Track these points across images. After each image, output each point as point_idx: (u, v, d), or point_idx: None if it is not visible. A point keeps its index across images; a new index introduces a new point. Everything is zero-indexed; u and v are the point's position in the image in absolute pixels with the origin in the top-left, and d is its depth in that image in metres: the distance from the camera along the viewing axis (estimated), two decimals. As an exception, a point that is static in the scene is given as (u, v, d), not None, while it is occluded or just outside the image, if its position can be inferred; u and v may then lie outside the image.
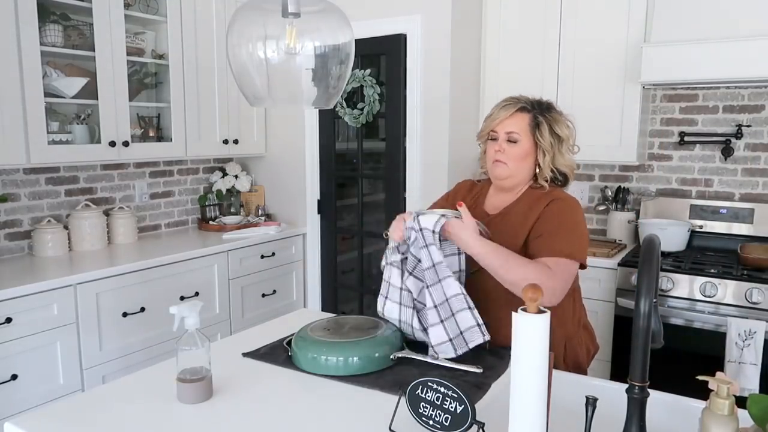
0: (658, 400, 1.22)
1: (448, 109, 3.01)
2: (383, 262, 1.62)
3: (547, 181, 1.63)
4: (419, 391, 1.11)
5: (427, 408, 1.10)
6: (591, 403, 0.99)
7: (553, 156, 1.61)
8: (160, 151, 3.11)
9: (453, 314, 1.46)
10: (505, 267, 1.46)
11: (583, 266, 1.57)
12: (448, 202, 1.81)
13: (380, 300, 1.60)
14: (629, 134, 2.87)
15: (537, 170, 1.63)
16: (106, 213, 3.04)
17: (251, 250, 3.25)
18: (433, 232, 1.46)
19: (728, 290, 2.44)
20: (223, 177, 3.65)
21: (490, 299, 1.55)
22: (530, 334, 0.93)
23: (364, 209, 3.44)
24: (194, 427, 1.19)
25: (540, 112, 1.61)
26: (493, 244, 1.49)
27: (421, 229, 1.48)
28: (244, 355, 1.54)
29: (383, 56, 3.21)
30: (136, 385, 1.39)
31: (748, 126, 2.88)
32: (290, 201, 3.65)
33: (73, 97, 2.71)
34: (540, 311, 0.93)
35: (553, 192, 1.62)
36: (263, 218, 3.63)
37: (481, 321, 1.45)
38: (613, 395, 1.24)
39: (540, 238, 1.54)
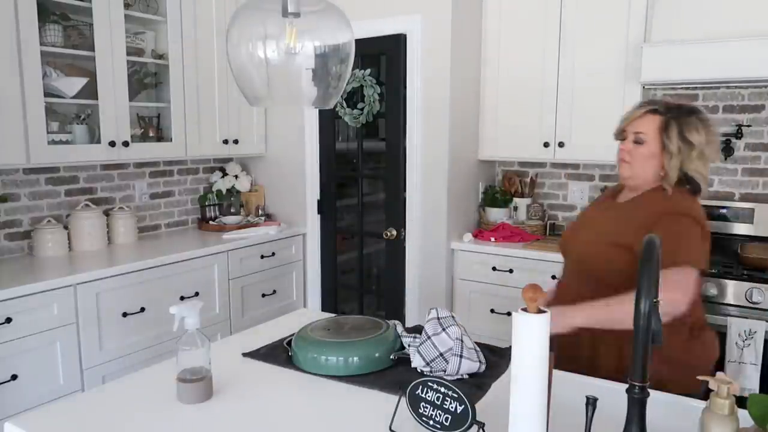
0: (658, 400, 1.22)
1: (448, 109, 3.01)
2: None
3: (671, 186, 1.58)
4: (419, 391, 1.11)
5: (427, 408, 1.10)
6: (591, 403, 0.99)
7: (681, 161, 1.56)
8: (160, 151, 3.11)
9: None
10: (612, 320, 1.43)
11: (703, 273, 1.53)
12: (600, 204, 1.84)
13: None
14: (629, 134, 2.86)
15: (662, 173, 1.59)
16: (106, 213, 3.03)
17: (251, 250, 3.25)
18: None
19: (728, 290, 2.44)
20: (223, 177, 3.65)
21: None
22: (530, 334, 0.93)
23: (364, 209, 3.44)
24: (194, 427, 1.19)
25: (675, 116, 1.58)
26: (587, 307, 1.46)
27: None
28: (245, 355, 1.54)
29: (383, 56, 3.21)
30: (136, 385, 1.39)
31: (748, 126, 2.88)
32: (290, 201, 3.65)
33: (73, 97, 2.71)
34: (540, 311, 0.93)
35: (673, 197, 1.58)
36: (263, 218, 3.63)
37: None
38: (613, 395, 1.23)
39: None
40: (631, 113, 1.64)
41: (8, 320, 2.21)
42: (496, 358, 1.50)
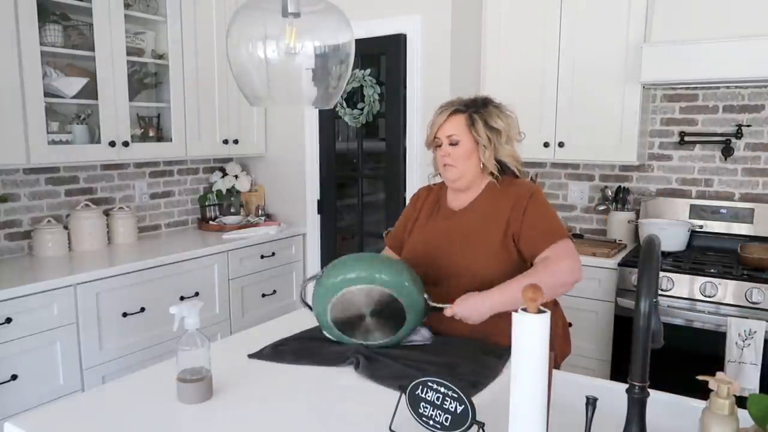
0: (658, 400, 1.22)
1: (448, 109, 3.01)
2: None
3: (494, 174, 1.68)
4: (419, 391, 1.11)
5: (427, 408, 1.10)
6: (591, 403, 0.99)
7: (493, 149, 1.66)
8: (160, 151, 3.11)
9: None
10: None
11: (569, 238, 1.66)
12: (413, 214, 1.85)
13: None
14: (629, 134, 2.87)
15: (482, 166, 1.68)
16: (106, 213, 3.04)
17: (251, 250, 3.25)
18: None
19: (728, 290, 2.44)
20: (223, 177, 3.65)
21: None
22: (530, 334, 0.93)
23: (364, 209, 3.44)
24: (194, 427, 1.19)
25: (475, 110, 1.66)
26: (499, 288, 1.53)
27: None
28: (250, 356, 1.54)
29: (383, 56, 3.21)
30: (136, 385, 1.39)
31: (748, 126, 2.88)
32: (290, 201, 3.65)
33: (73, 97, 2.71)
34: (540, 311, 0.93)
35: (514, 184, 1.69)
36: (263, 218, 3.63)
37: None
38: (613, 395, 1.23)
39: (531, 234, 1.60)
40: (436, 119, 1.70)
41: (8, 320, 2.21)
42: (495, 358, 1.50)
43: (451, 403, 1.07)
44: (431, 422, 1.09)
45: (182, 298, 2.86)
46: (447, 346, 1.58)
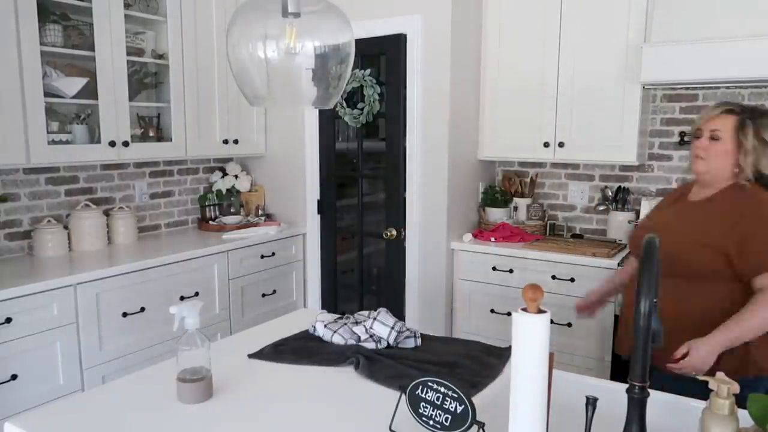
0: (658, 400, 1.22)
1: (448, 109, 3.01)
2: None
3: (748, 181, 1.67)
4: (419, 391, 1.11)
5: (427, 408, 1.10)
6: (591, 403, 0.99)
7: (756, 158, 1.65)
8: (160, 151, 3.11)
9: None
10: (754, 329, 1.53)
11: None
12: (662, 203, 1.97)
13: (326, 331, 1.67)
14: (629, 134, 2.87)
15: (737, 170, 1.67)
16: (106, 213, 3.03)
17: (251, 250, 3.25)
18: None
19: (728, 290, 2.44)
20: (223, 177, 3.65)
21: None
22: (530, 334, 0.93)
23: (364, 209, 3.44)
24: (194, 427, 1.19)
25: (750, 116, 1.67)
26: (724, 329, 1.54)
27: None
28: (250, 356, 1.54)
29: (383, 56, 3.21)
30: (136, 385, 1.39)
31: (748, 126, 2.88)
32: (290, 201, 3.65)
33: (73, 97, 2.71)
34: (540, 311, 0.93)
35: (750, 192, 1.65)
36: (263, 218, 3.63)
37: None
38: (613, 395, 1.23)
39: (758, 249, 1.57)
40: (708, 113, 1.72)
41: (8, 320, 2.21)
42: (494, 358, 1.50)
43: (451, 403, 1.07)
44: (431, 422, 1.09)
45: (182, 298, 2.86)
46: (447, 346, 1.58)
